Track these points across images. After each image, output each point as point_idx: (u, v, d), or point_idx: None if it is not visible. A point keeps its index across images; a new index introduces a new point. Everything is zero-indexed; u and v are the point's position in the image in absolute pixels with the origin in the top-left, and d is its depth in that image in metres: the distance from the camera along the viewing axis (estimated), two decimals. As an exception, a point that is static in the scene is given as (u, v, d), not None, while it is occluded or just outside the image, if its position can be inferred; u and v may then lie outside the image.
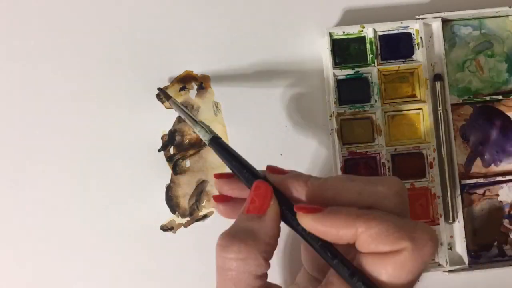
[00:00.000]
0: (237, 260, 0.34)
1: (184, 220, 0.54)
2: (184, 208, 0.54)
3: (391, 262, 0.33)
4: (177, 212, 0.54)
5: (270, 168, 0.39)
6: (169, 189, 0.54)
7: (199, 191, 0.54)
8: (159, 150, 0.54)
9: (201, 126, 0.43)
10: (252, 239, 0.35)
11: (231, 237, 0.35)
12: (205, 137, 0.42)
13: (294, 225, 0.36)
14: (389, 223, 0.33)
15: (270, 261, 0.36)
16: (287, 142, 0.55)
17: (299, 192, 0.37)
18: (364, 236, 0.33)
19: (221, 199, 0.40)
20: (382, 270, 0.33)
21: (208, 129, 0.42)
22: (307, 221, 0.34)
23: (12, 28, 0.55)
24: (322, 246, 0.35)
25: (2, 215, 0.54)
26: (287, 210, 0.36)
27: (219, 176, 0.40)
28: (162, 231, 0.54)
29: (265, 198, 0.36)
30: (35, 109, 0.55)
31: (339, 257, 0.34)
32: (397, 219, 0.34)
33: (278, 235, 0.36)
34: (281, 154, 0.55)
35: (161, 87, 0.54)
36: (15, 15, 0.55)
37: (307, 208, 0.35)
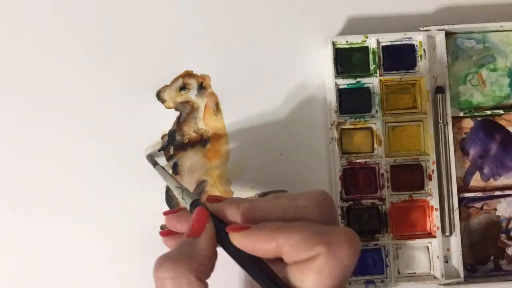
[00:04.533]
0: (169, 278, 0.35)
1: (184, 221, 0.52)
2: (184, 208, 0.52)
3: (310, 268, 0.33)
4: (177, 213, 0.52)
5: (208, 198, 0.41)
6: (169, 189, 0.52)
7: (199, 191, 0.52)
8: (159, 150, 0.53)
9: (182, 190, 0.43)
10: (185, 259, 0.36)
11: (165, 257, 0.36)
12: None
13: (227, 247, 0.37)
14: (306, 231, 0.34)
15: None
16: (287, 142, 0.53)
17: (234, 216, 0.38)
18: (286, 247, 0.34)
19: (168, 233, 0.42)
20: (304, 278, 0.34)
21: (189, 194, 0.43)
22: (237, 239, 0.36)
23: (12, 28, 0.53)
24: (251, 264, 0.36)
25: (0, 214, 0.52)
26: (223, 234, 0.37)
27: (168, 212, 0.42)
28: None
29: (201, 221, 0.38)
30: (35, 110, 0.53)
31: (266, 273, 0.35)
32: (315, 226, 0.35)
33: (212, 256, 0.37)
34: (281, 154, 0.53)
35: (161, 87, 0.53)
36: (15, 15, 0.53)
37: (236, 227, 0.36)
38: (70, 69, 0.53)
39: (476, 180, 0.52)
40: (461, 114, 0.52)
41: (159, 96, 0.53)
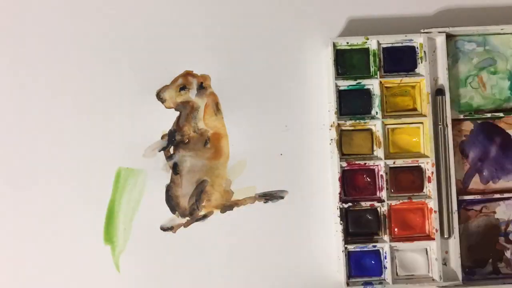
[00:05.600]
0: None
1: (184, 220, 0.52)
2: (184, 208, 0.52)
3: None
4: (177, 212, 0.52)
5: None
6: (169, 189, 0.52)
7: (199, 191, 0.52)
8: (159, 150, 0.52)
9: None
10: None
11: None
12: None
13: None
14: None
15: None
16: (287, 142, 0.52)
17: None
18: None
19: None
20: None
21: None
22: None
23: (13, 29, 0.53)
24: None
25: (1, 215, 0.52)
26: None
27: None
28: (162, 231, 0.52)
29: None
30: (36, 110, 0.53)
31: None
32: None
33: None
34: (281, 154, 0.52)
35: (161, 87, 0.52)
36: (15, 16, 0.53)
37: None
38: (70, 70, 0.53)
39: (475, 183, 0.51)
40: (461, 116, 0.51)
41: (159, 96, 0.53)
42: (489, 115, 0.51)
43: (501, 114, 0.51)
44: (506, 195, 0.51)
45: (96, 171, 0.52)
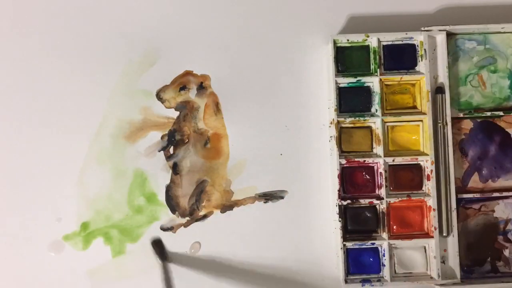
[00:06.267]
0: None
1: (184, 220, 0.52)
2: (184, 208, 0.52)
3: None
4: (177, 212, 0.52)
5: None
6: (169, 189, 0.52)
7: (199, 191, 0.52)
8: (159, 150, 0.52)
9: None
10: None
11: None
12: None
13: None
14: None
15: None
16: (287, 142, 0.52)
17: None
18: None
19: None
20: None
21: None
22: None
23: (13, 28, 0.53)
24: None
25: (1, 215, 0.52)
26: None
27: None
28: (162, 231, 0.52)
29: None
30: (37, 110, 0.52)
31: None
32: None
33: None
34: (281, 154, 0.52)
35: (161, 87, 0.52)
36: (16, 15, 0.53)
37: None
38: (69, 69, 0.53)
39: (474, 181, 0.51)
40: (461, 115, 0.51)
41: (159, 96, 0.52)
42: (488, 113, 0.51)
43: (501, 113, 0.51)
44: (505, 193, 0.51)
45: (95, 170, 0.52)
